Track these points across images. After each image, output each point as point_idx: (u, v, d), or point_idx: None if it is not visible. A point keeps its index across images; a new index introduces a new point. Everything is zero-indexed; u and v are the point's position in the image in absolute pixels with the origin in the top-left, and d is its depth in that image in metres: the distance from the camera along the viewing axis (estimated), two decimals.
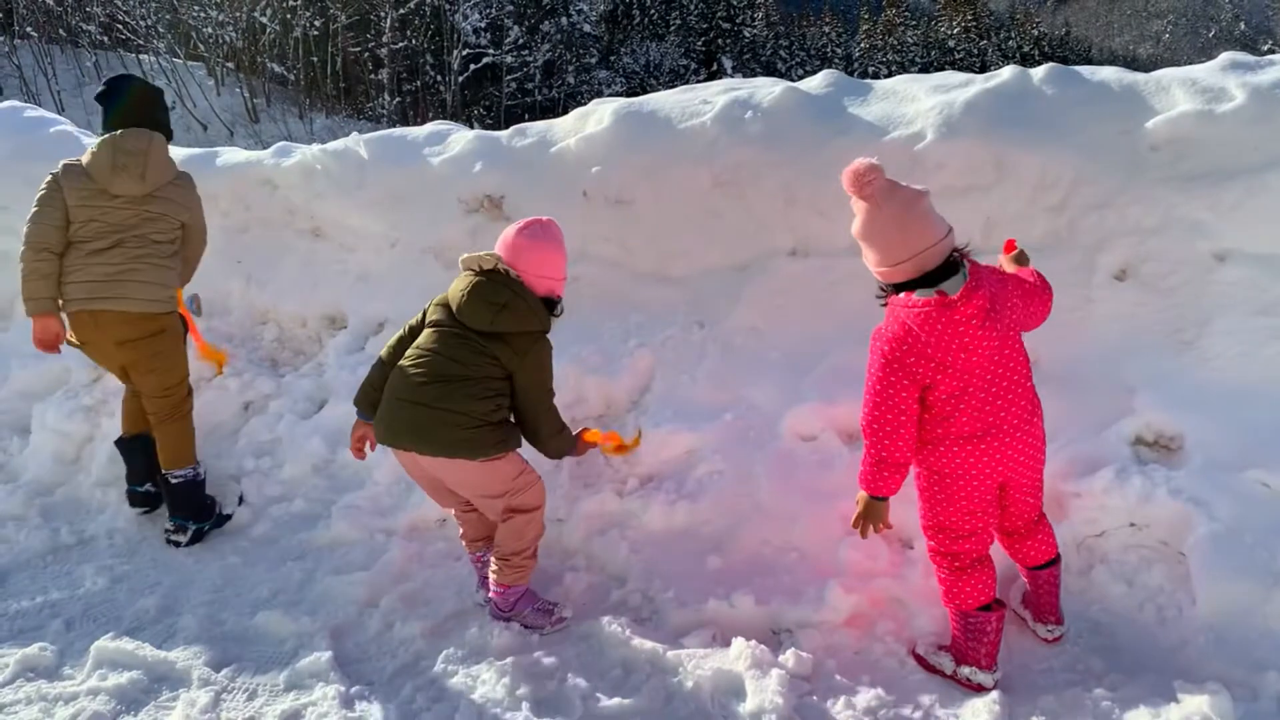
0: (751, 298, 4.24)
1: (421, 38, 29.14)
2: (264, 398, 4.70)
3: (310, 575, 3.76)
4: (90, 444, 4.61)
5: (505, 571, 3.32)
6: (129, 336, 3.94)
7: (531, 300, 3.20)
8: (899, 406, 2.70)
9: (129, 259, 3.91)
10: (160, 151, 4.03)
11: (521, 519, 3.30)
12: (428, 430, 3.12)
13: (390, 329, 4.67)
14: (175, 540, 4.08)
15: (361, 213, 4.88)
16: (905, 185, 2.73)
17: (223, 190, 5.18)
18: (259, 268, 5.10)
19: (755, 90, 4.39)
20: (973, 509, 2.85)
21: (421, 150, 4.86)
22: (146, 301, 3.93)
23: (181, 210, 4.09)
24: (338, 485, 4.21)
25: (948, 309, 2.63)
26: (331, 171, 4.89)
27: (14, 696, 3.19)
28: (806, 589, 3.35)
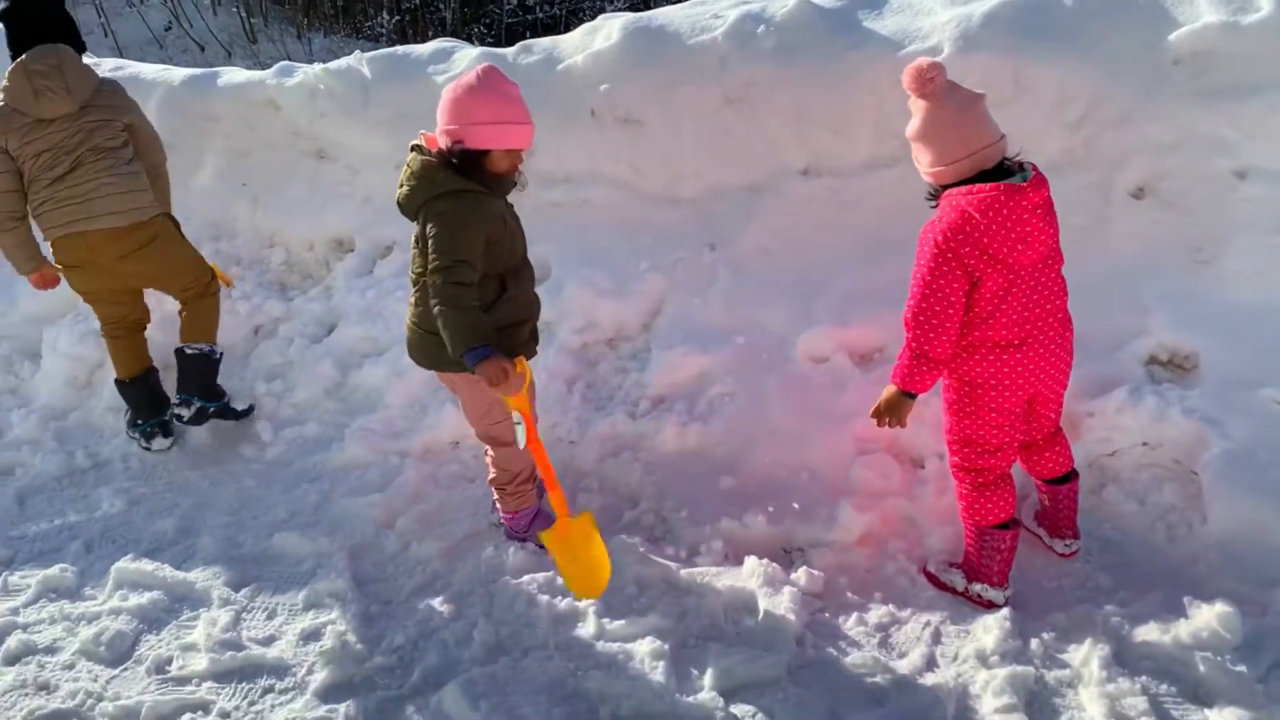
0: (763, 219, 4.19)
1: None
2: (273, 321, 4.68)
3: (326, 497, 3.80)
4: (101, 369, 4.61)
5: (505, 499, 3.35)
6: (125, 250, 3.95)
7: (422, 170, 2.83)
8: (948, 298, 2.67)
9: (93, 175, 3.87)
10: (73, 63, 3.94)
11: (501, 451, 3.25)
12: (409, 345, 3.11)
13: (398, 252, 4.64)
14: (179, 414, 4.10)
15: (367, 133, 4.80)
16: (964, 87, 2.70)
17: (225, 112, 5.09)
18: (265, 190, 5.04)
19: (768, 3, 4.28)
20: (1001, 422, 2.85)
21: (426, 69, 4.76)
22: (128, 212, 3.91)
23: (121, 113, 4.02)
24: (350, 408, 4.22)
25: (1014, 194, 2.59)
26: (335, 91, 4.80)
27: (37, 616, 3.26)
28: (818, 509, 3.37)
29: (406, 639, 3.00)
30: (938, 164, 2.72)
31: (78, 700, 2.86)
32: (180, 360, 4.15)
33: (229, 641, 3.03)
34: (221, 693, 2.86)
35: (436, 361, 3.02)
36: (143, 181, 4.01)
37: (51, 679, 2.96)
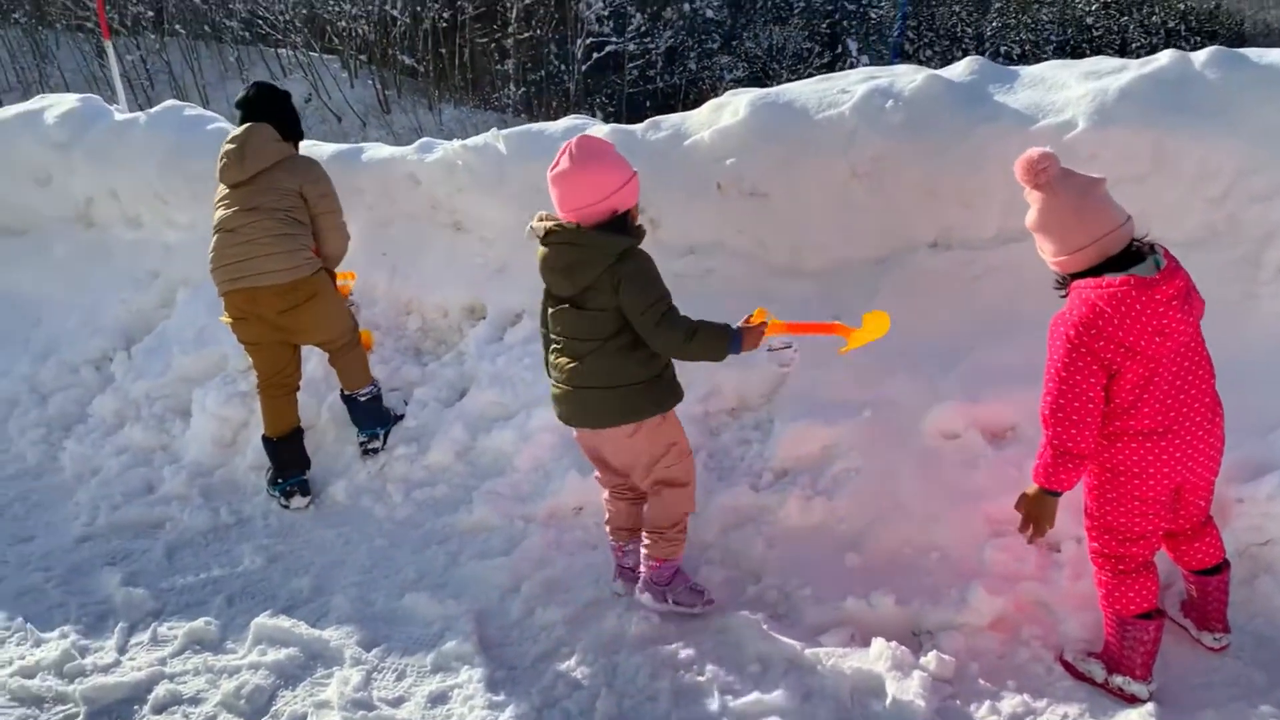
0: (890, 291, 4.16)
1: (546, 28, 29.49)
2: (409, 385, 4.86)
3: (454, 559, 3.89)
4: (246, 429, 4.85)
5: (659, 544, 3.36)
6: (286, 305, 4.24)
7: (594, 239, 3.02)
8: (1085, 394, 2.61)
9: (256, 234, 4.18)
10: (259, 138, 4.31)
11: (670, 493, 3.32)
12: (582, 407, 3.21)
13: (528, 319, 4.77)
14: (373, 448, 4.53)
15: (501, 206, 4.98)
16: (1080, 172, 2.66)
17: (369, 185, 5.35)
18: (403, 260, 5.26)
19: (896, 78, 4.30)
20: (1146, 510, 2.75)
21: (558, 144, 4.89)
22: (288, 270, 4.19)
23: (290, 179, 4.32)
24: (479, 471, 4.33)
25: (1146, 289, 2.53)
26: (472, 167, 5.00)
27: (183, 667, 3.41)
28: (948, 590, 3.29)
29: (530, 707, 3.04)
30: (1061, 253, 2.68)
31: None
32: (353, 406, 4.55)
33: (360, 701, 3.12)
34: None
35: (635, 412, 3.17)
36: (303, 241, 4.29)
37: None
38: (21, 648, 3.53)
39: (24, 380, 5.46)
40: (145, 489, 4.64)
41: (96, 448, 4.95)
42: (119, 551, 4.20)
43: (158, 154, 5.70)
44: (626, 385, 3.14)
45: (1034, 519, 2.80)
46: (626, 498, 3.53)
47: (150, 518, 4.43)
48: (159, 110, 6.05)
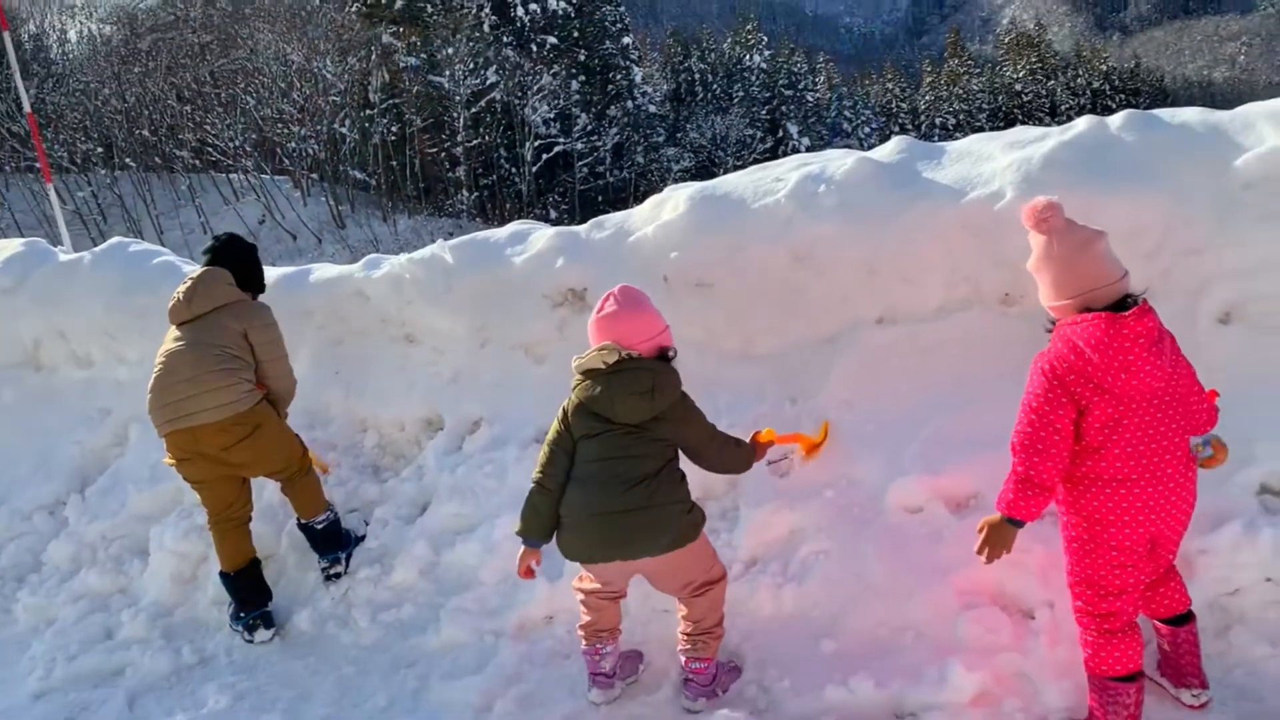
0: (842, 370, 4.19)
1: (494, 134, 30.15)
2: (369, 504, 4.79)
3: (424, 682, 3.79)
4: (206, 563, 4.73)
5: (709, 644, 3.37)
6: (231, 441, 4.17)
7: (663, 369, 3.30)
8: (1054, 425, 2.69)
9: (193, 374, 4.15)
10: (210, 282, 4.36)
11: (716, 589, 3.39)
12: (643, 534, 3.20)
13: (486, 427, 4.74)
14: (335, 573, 4.45)
15: (451, 316, 5.00)
16: (1083, 225, 2.79)
17: (318, 305, 5.36)
18: (356, 376, 5.23)
19: (827, 164, 4.41)
20: (1124, 561, 2.76)
21: (504, 251, 4.97)
22: (228, 405, 4.14)
23: (236, 322, 4.31)
24: (444, 588, 4.24)
25: (1115, 324, 2.63)
26: (419, 279, 5.03)
27: None
28: (927, 669, 3.24)
29: None
30: (1050, 299, 2.82)
31: None
32: (310, 534, 4.48)
33: None
34: None
35: (685, 535, 3.27)
36: (243, 375, 4.24)
37: None
38: None
39: None
40: (103, 635, 4.50)
41: (51, 596, 4.81)
42: (77, 704, 4.06)
43: (105, 292, 5.69)
44: (685, 504, 3.30)
45: (991, 544, 2.83)
46: (615, 598, 3.48)
47: (109, 665, 4.29)
48: (104, 249, 6.06)
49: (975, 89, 62.21)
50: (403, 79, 32.46)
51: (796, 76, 52.29)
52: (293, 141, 29.90)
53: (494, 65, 32.28)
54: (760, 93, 43.11)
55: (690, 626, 3.41)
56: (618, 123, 30.56)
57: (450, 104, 30.12)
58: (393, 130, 29.67)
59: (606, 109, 30.77)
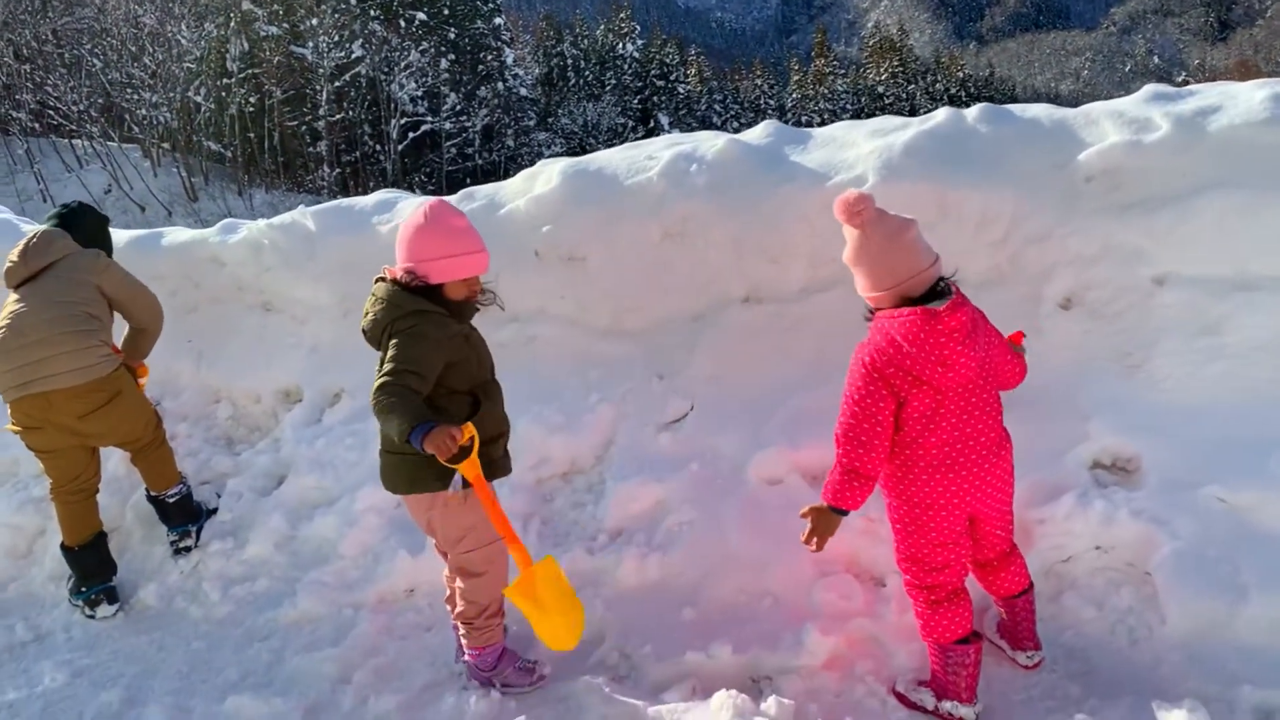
0: (709, 347, 4.27)
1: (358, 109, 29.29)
2: (221, 476, 4.62)
3: (279, 655, 3.68)
4: (43, 536, 4.49)
5: (472, 635, 3.28)
6: (88, 408, 3.93)
7: (392, 296, 2.94)
8: (876, 417, 2.75)
9: (45, 335, 3.88)
10: (46, 239, 4.11)
11: (470, 583, 3.22)
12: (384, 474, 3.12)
13: (347, 399, 4.63)
14: (185, 546, 4.30)
15: (312, 285, 4.86)
16: (894, 215, 2.82)
17: (169, 270, 5.12)
18: (209, 346, 5.03)
19: (699, 144, 4.47)
20: (945, 540, 2.88)
21: (370, 219, 4.86)
22: (85, 369, 3.89)
23: (81, 272, 4.07)
24: (301, 561, 4.13)
25: (932, 319, 2.69)
26: (280, 245, 4.86)
27: None
28: (784, 634, 3.34)
29: None
30: (868, 290, 2.85)
31: None
32: (161, 507, 4.32)
33: None
34: None
35: (412, 483, 3.04)
36: (101, 337, 4.00)
37: None
38: None
39: None
40: None
41: None
42: None
43: None
44: (398, 454, 3.01)
45: (818, 532, 2.87)
46: None
47: None
48: None
49: (840, 89, 64.12)
50: (263, 48, 31.24)
51: (668, 67, 52.81)
52: (143, 108, 28.36)
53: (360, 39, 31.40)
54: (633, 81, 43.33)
55: (457, 616, 3.31)
56: (488, 104, 30.16)
57: (313, 76, 29.13)
58: (251, 101, 28.48)
59: (477, 89, 30.33)
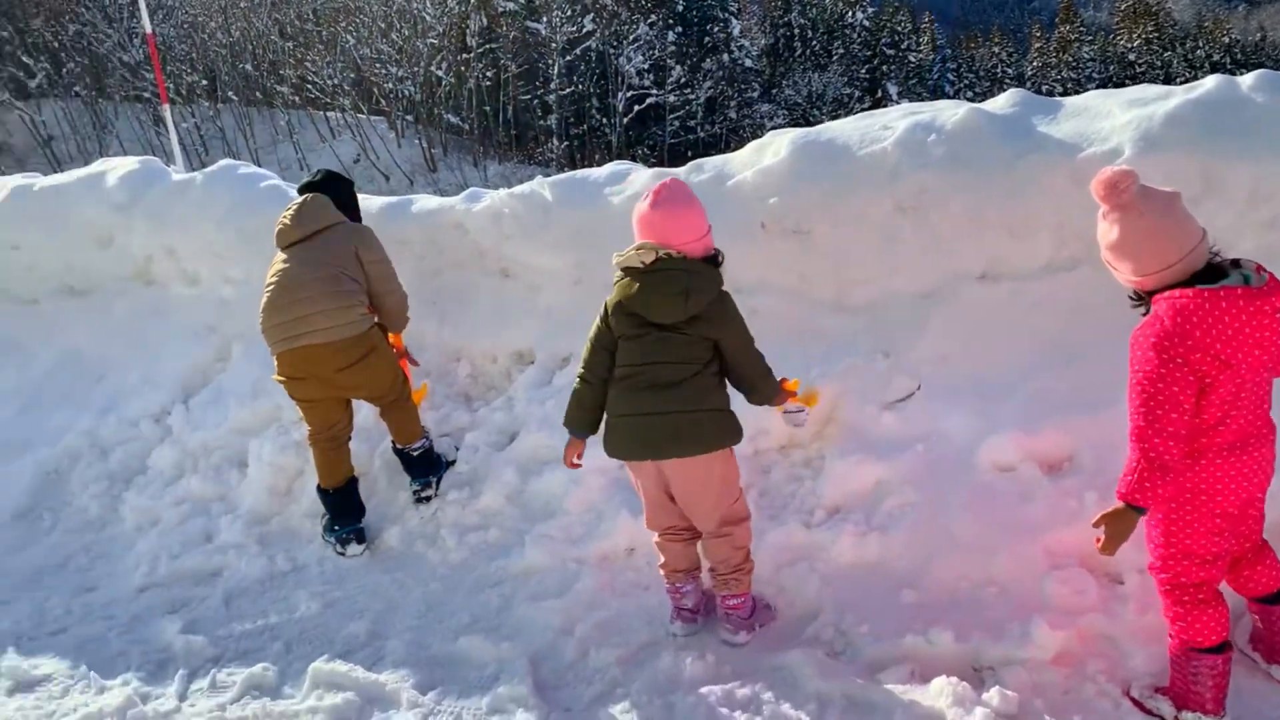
0: (939, 324, 4.14)
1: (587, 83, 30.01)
2: (459, 430, 4.90)
3: (507, 602, 3.90)
4: (301, 477, 4.90)
5: (742, 579, 3.43)
6: (345, 363, 4.27)
7: (702, 268, 3.25)
8: (1179, 404, 2.51)
9: (310, 294, 4.23)
10: (317, 203, 4.46)
11: (738, 532, 3.42)
12: (673, 436, 3.23)
13: (576, 363, 4.79)
14: (426, 496, 4.60)
15: (547, 252, 5.05)
16: (1158, 188, 2.61)
17: (417, 235, 5.45)
18: (451, 308, 5.33)
19: (938, 113, 4.32)
20: (1220, 529, 2.69)
21: (603, 190, 4.99)
22: (344, 327, 4.23)
23: (345, 241, 4.41)
24: (530, 515, 4.34)
25: (1254, 299, 2.48)
26: (519, 214, 5.08)
27: (242, 713, 3.42)
28: (1009, 625, 3.22)
29: None
30: (1143, 272, 2.61)
31: None
32: (406, 459, 4.62)
33: None
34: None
35: (717, 440, 3.29)
36: (358, 298, 4.34)
37: None
38: (85, 695, 3.58)
39: (86, 435, 5.58)
40: (203, 538, 4.71)
41: (156, 499, 5.04)
42: (179, 600, 4.26)
43: (214, 212, 5.86)
44: (719, 410, 3.30)
45: (1118, 537, 2.63)
46: (682, 538, 3.52)
47: (209, 566, 4.48)
48: (214, 170, 6.23)
49: (1086, 56, 59.88)
50: (500, 24, 32.54)
51: (899, 35, 50.96)
52: (390, 82, 30.21)
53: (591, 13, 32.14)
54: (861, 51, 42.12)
55: (718, 566, 3.47)
56: (712, 76, 30.17)
57: (546, 51, 30.10)
58: (488, 75, 29.75)
59: (702, 62, 30.39)
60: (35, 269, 6.52)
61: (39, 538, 4.99)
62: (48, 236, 6.37)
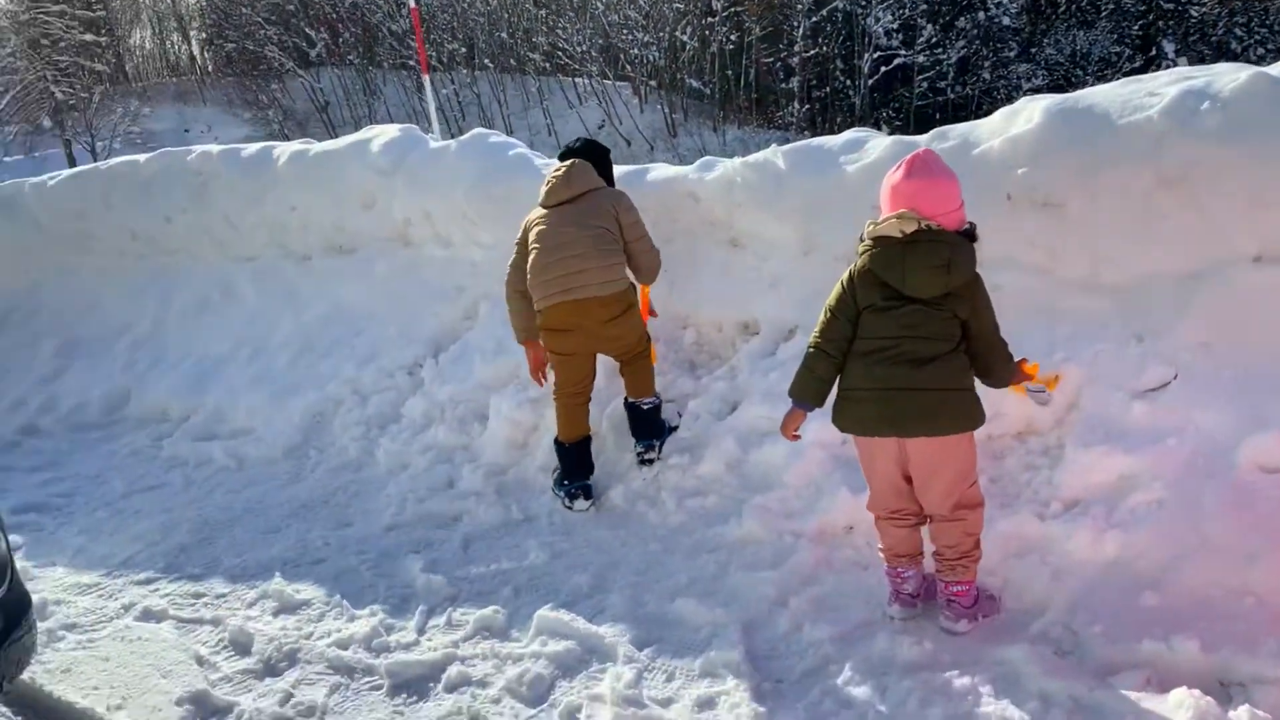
0: (1203, 309, 3.80)
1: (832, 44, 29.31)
2: (683, 397, 4.99)
3: (723, 568, 3.95)
4: (536, 432, 5.16)
5: (968, 567, 3.32)
6: (610, 315, 4.53)
7: (962, 242, 3.17)
8: None
9: (582, 251, 4.48)
10: (584, 169, 4.70)
11: (972, 517, 3.31)
12: (922, 414, 3.17)
13: (801, 335, 4.76)
14: (649, 458, 4.74)
15: (778, 222, 5.02)
16: None
17: (651, 204, 5.54)
18: (680, 275, 5.41)
19: (1214, 78, 3.92)
20: None
21: (838, 159, 4.89)
22: (613, 283, 4.51)
23: (607, 203, 4.64)
24: (749, 484, 4.37)
25: None
26: (750, 183, 5.07)
27: (473, 651, 3.66)
28: (1265, 640, 2.95)
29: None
30: None
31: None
32: (635, 413, 4.77)
33: (631, 698, 3.23)
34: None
35: (966, 421, 3.22)
36: (620, 257, 4.61)
37: (481, 711, 3.31)
38: (338, 621, 3.94)
39: (348, 383, 6.10)
40: (447, 484, 5.05)
41: (406, 445, 5.45)
42: (422, 540, 4.59)
43: (466, 178, 6.19)
44: (967, 391, 3.22)
45: None
46: (908, 523, 3.44)
47: (450, 511, 4.81)
48: (467, 138, 6.57)
49: None
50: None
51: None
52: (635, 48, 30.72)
53: None
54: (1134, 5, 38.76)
55: (945, 551, 3.34)
56: (965, 35, 28.69)
57: (791, 12, 29.60)
58: (731, 39, 29.65)
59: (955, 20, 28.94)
60: (309, 228, 7.15)
61: (305, 474, 5.51)
62: (320, 198, 6.96)
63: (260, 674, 3.65)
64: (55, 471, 6.02)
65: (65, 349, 7.63)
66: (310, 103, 36.53)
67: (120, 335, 7.50)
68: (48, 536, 5.10)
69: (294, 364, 6.46)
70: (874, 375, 3.20)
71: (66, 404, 7.02)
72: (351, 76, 36.86)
